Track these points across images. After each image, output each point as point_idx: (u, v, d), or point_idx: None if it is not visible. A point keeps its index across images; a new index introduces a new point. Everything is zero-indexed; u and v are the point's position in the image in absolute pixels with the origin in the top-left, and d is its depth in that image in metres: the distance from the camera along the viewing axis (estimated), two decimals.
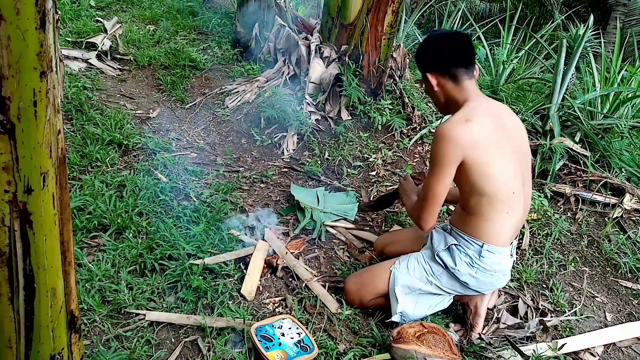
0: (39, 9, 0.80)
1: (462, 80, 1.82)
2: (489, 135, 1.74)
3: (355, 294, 2.01)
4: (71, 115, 3.00)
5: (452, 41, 1.84)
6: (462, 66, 1.81)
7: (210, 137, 3.23)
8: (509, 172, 1.76)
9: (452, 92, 1.83)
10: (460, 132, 1.70)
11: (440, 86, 1.84)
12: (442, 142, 1.71)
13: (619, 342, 2.10)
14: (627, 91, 3.73)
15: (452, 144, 1.70)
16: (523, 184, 1.83)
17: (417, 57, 1.91)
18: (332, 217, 2.61)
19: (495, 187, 1.73)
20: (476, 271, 1.82)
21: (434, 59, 1.85)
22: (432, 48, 1.87)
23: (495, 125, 1.77)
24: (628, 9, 7.77)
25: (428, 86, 1.88)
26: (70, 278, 1.09)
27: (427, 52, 1.87)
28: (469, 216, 1.82)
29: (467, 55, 1.83)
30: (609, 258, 2.57)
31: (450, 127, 1.73)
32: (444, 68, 1.82)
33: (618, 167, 3.23)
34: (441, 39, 1.89)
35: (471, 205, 1.78)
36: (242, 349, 1.74)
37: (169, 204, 2.43)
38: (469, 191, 1.78)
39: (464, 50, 1.83)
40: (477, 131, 1.72)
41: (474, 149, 1.70)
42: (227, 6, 5.45)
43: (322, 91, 3.35)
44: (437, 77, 1.84)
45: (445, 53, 1.82)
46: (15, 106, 0.82)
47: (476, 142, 1.71)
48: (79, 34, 4.10)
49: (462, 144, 1.69)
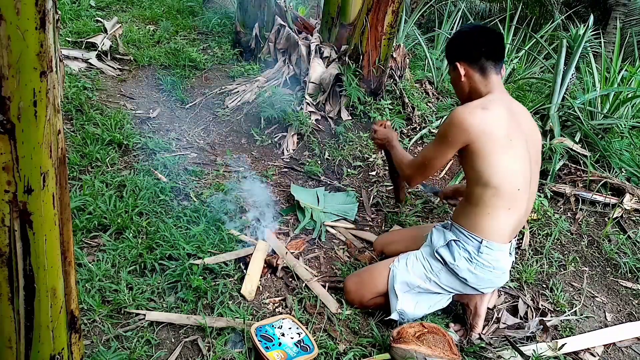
0: (39, 9, 0.80)
1: (489, 74, 1.85)
2: (501, 127, 1.76)
3: (355, 293, 2.01)
4: (71, 115, 3.00)
5: (486, 35, 1.88)
6: (492, 60, 1.84)
7: (210, 137, 3.23)
8: (516, 168, 1.78)
9: (477, 85, 1.87)
10: (471, 118, 1.74)
11: (468, 77, 1.88)
12: (451, 122, 1.78)
13: (619, 342, 2.10)
14: (627, 91, 3.73)
15: (460, 127, 1.75)
16: (530, 184, 1.84)
17: (449, 46, 1.95)
18: (332, 217, 2.61)
19: (500, 180, 1.75)
20: (475, 267, 1.83)
21: (466, 49, 1.88)
22: (465, 38, 1.91)
23: (510, 120, 1.79)
24: (628, 9, 7.77)
25: (455, 75, 1.91)
26: (70, 278, 1.09)
27: (460, 42, 1.91)
28: (471, 208, 1.84)
29: (498, 50, 1.87)
30: (609, 258, 2.57)
31: (463, 110, 1.78)
32: (475, 59, 1.85)
33: (618, 167, 3.23)
34: (476, 30, 1.94)
35: (475, 195, 1.81)
36: (242, 349, 1.74)
37: (169, 204, 2.43)
38: (474, 179, 1.80)
39: (496, 45, 1.87)
40: (490, 120, 1.75)
41: (481, 137, 1.73)
42: (227, 6, 5.45)
43: (322, 91, 3.35)
44: (466, 67, 1.87)
45: (478, 44, 1.86)
46: (15, 106, 0.82)
47: (486, 131, 1.73)
48: (79, 34, 4.10)
49: (469, 129, 1.73)
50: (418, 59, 4.90)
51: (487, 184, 1.77)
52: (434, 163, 1.91)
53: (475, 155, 1.76)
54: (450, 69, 1.94)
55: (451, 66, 1.93)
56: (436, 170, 1.96)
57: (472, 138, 1.74)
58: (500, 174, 1.75)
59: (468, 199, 1.87)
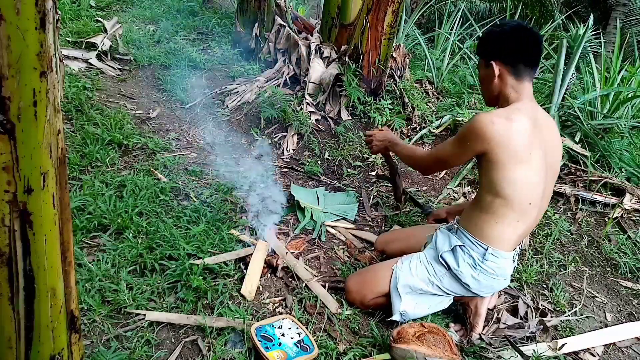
0: (39, 9, 0.80)
1: (523, 80, 1.76)
2: (522, 140, 1.69)
3: (357, 292, 2.01)
4: (71, 115, 3.00)
5: (529, 37, 1.75)
6: (529, 65, 1.76)
7: (210, 137, 3.23)
8: (531, 183, 1.73)
9: (508, 89, 1.78)
10: (492, 128, 1.67)
11: (501, 79, 1.78)
12: (471, 128, 1.72)
13: (619, 342, 2.10)
14: (627, 91, 3.73)
15: (479, 135, 1.69)
16: (542, 198, 1.80)
17: (487, 41, 1.82)
18: (332, 217, 2.61)
19: (512, 193, 1.71)
20: (478, 273, 1.82)
21: (506, 49, 1.76)
22: (508, 37, 1.76)
23: (533, 133, 1.72)
24: (628, 9, 7.77)
25: (488, 74, 1.80)
26: (70, 278, 1.09)
27: (501, 40, 1.77)
28: (479, 214, 1.80)
29: (537, 56, 1.78)
30: (609, 258, 2.57)
31: (486, 118, 1.70)
32: (513, 61, 1.75)
33: (618, 167, 3.23)
34: (519, 30, 1.77)
35: (486, 202, 1.77)
36: (242, 349, 1.74)
37: (169, 204, 2.43)
38: (486, 186, 1.76)
39: (537, 50, 1.77)
40: (512, 132, 1.68)
41: (499, 147, 1.68)
42: (227, 6, 5.45)
43: (322, 91, 3.35)
44: (502, 68, 1.76)
45: (519, 46, 1.74)
46: (15, 106, 0.82)
47: (506, 143, 1.67)
48: (79, 34, 4.10)
49: (488, 138, 1.68)
50: (418, 59, 4.90)
51: (498, 194, 1.73)
52: (449, 161, 1.92)
53: (491, 165, 1.71)
54: (482, 65, 1.83)
55: (484, 63, 1.81)
56: (451, 167, 1.94)
57: (490, 147, 1.68)
58: (513, 186, 1.70)
59: (478, 204, 1.82)
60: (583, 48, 3.77)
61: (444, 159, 1.91)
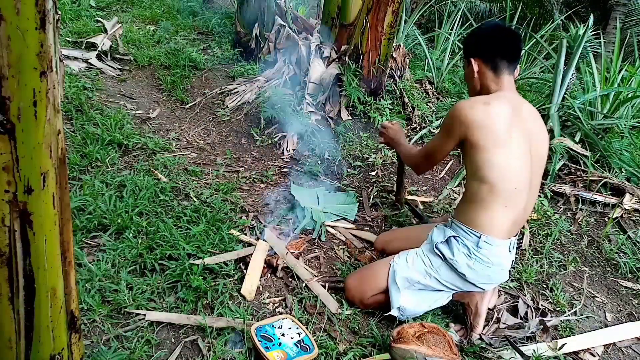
0: (39, 9, 0.80)
1: (501, 74, 1.88)
2: (502, 123, 1.77)
3: (356, 290, 2.01)
4: (71, 115, 3.00)
5: (504, 34, 1.91)
6: (506, 60, 1.87)
7: (210, 137, 3.23)
8: (514, 166, 1.79)
9: (489, 82, 1.90)
10: (471, 111, 1.78)
11: (480, 73, 1.91)
12: (451, 115, 1.84)
13: (619, 342, 2.10)
14: (627, 91, 3.73)
15: (458, 120, 1.80)
16: (529, 184, 1.84)
17: (467, 41, 1.99)
18: (332, 217, 2.61)
19: (496, 177, 1.77)
20: (474, 262, 1.84)
21: (482, 46, 1.91)
22: (483, 35, 1.95)
23: (513, 118, 1.80)
24: (628, 9, 7.76)
25: (469, 71, 1.95)
26: (70, 278, 1.09)
27: (477, 39, 1.94)
28: (469, 204, 1.86)
29: (514, 51, 1.90)
30: (609, 258, 2.57)
31: (464, 104, 1.82)
32: (489, 56, 1.88)
33: (618, 167, 3.23)
34: (494, 29, 1.97)
35: (473, 190, 1.83)
36: (242, 349, 1.74)
37: (169, 204, 2.43)
38: (471, 173, 1.84)
39: (512, 45, 1.90)
40: (490, 115, 1.77)
41: (478, 131, 1.76)
42: (227, 6, 5.45)
43: (322, 91, 3.35)
44: (480, 64, 1.90)
45: (494, 43, 1.89)
46: (15, 106, 0.82)
47: (485, 125, 1.76)
48: (79, 34, 4.10)
49: (468, 122, 1.77)
50: (418, 59, 4.90)
51: (483, 179, 1.79)
52: (436, 153, 1.99)
53: (474, 149, 1.79)
54: (465, 64, 1.97)
55: (466, 61, 1.96)
56: (439, 160, 2.04)
57: (471, 132, 1.77)
58: (497, 170, 1.76)
59: (466, 195, 1.90)
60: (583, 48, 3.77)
61: (431, 151, 2.02)
